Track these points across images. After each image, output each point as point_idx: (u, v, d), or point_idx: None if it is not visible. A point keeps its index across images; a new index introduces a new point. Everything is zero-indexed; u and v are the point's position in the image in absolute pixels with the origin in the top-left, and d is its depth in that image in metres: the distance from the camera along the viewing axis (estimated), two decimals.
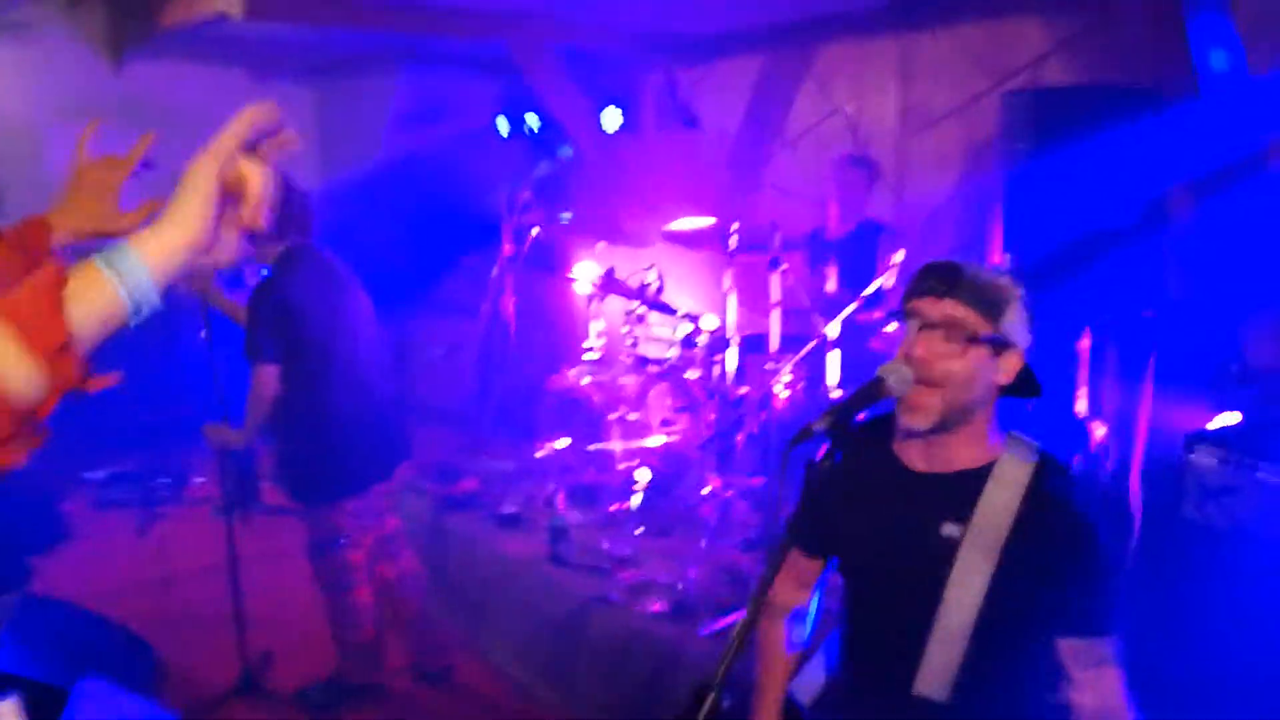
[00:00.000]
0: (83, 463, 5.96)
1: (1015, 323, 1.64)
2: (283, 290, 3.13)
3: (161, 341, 5.56)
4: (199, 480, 5.09)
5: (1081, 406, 3.26)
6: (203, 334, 3.49)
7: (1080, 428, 3.27)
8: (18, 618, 3.34)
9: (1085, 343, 3.27)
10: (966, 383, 1.62)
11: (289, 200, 3.13)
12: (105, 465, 5.92)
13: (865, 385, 1.59)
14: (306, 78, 7.50)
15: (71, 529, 5.21)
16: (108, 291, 0.93)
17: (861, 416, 1.57)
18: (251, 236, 3.39)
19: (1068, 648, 1.63)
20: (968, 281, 1.62)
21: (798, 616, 2.02)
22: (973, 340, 1.61)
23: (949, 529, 1.65)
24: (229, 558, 3.44)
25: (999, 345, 1.63)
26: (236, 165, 0.93)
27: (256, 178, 0.95)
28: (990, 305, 1.61)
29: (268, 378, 3.13)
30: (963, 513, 1.65)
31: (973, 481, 1.66)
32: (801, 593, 2.00)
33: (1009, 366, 1.65)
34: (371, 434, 3.33)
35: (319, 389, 3.21)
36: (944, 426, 1.65)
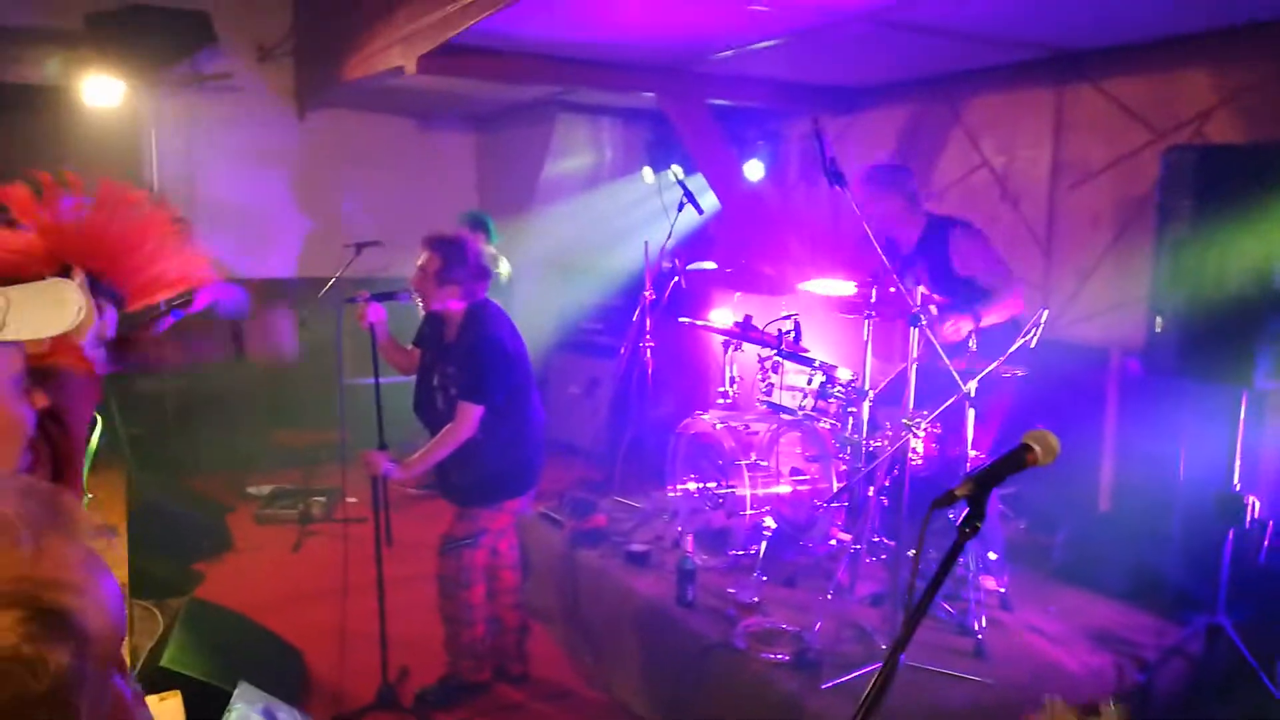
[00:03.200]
0: (249, 478, 6.46)
1: None
2: (499, 337, 3.53)
3: (330, 369, 5.96)
4: (351, 500, 5.40)
5: (1236, 479, 3.08)
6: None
7: (1236, 501, 3.08)
8: (185, 619, 3.64)
9: (1241, 411, 3.09)
10: None
11: (478, 257, 3.57)
12: (268, 481, 6.40)
13: (1010, 453, 1.55)
14: (468, 125, 7.95)
15: (235, 540, 5.61)
16: None
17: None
18: (442, 291, 3.66)
19: None
20: None
21: None
22: None
23: None
24: (377, 578, 3.65)
25: None
26: None
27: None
28: None
29: (474, 418, 3.47)
30: None
31: None
32: None
33: None
34: (538, 450, 3.78)
35: (519, 415, 3.64)
36: None
